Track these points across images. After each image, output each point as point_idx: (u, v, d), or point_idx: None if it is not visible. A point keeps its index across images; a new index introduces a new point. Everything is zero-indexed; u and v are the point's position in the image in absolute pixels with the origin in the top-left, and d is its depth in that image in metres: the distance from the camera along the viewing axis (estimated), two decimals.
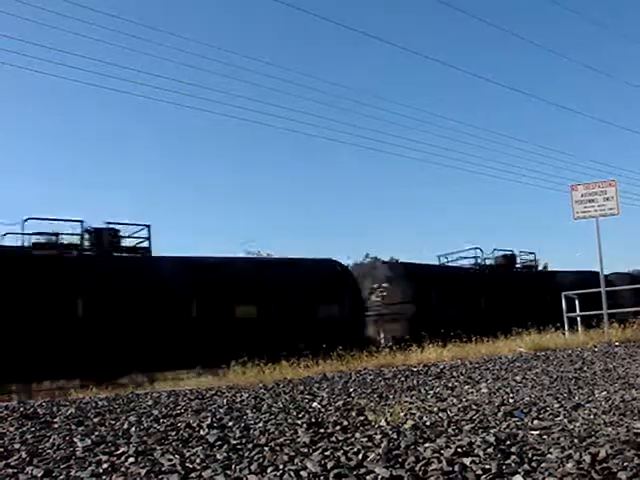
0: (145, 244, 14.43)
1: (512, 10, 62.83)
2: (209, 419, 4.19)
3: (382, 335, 16.22)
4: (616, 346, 9.98)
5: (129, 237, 14.50)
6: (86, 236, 13.83)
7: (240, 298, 13.61)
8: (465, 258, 21.52)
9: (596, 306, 13.10)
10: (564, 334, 12.83)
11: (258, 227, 55.08)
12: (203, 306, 12.98)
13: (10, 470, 2.94)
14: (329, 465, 2.64)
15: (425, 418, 3.84)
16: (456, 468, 2.51)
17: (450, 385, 5.77)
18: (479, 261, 21.50)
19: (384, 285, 17.37)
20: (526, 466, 2.51)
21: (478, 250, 21.54)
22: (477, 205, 68.66)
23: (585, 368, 6.70)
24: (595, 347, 9.96)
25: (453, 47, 63.83)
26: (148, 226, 14.48)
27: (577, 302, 14.16)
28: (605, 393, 4.65)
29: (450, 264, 21.60)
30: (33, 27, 51.70)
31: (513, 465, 2.53)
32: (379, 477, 2.47)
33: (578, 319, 13.99)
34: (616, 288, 15.44)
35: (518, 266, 23.45)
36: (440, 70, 77.77)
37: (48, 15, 44.89)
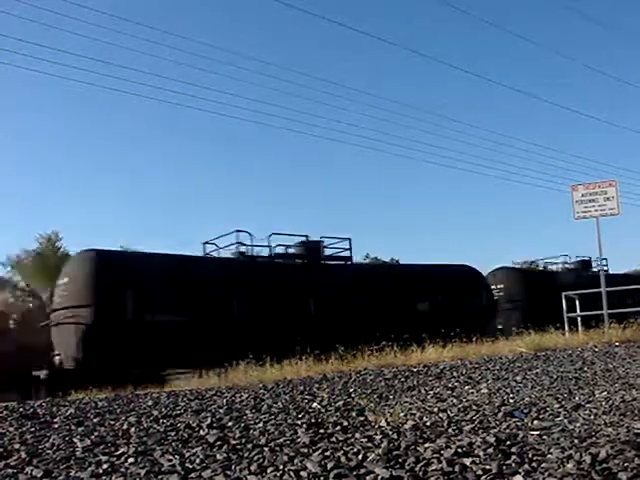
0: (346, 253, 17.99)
1: (513, 10, 62.87)
2: (209, 419, 4.19)
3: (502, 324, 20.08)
4: (616, 346, 9.97)
5: (331, 247, 18.05)
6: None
7: (419, 296, 17.85)
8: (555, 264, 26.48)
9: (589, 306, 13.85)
10: (564, 334, 12.85)
11: (258, 227, 55.06)
12: (396, 302, 17.11)
13: (10, 470, 2.93)
14: (329, 465, 2.63)
15: (425, 418, 3.84)
16: (456, 468, 2.51)
17: (450, 385, 5.76)
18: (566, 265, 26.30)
19: (499, 286, 22.43)
20: (526, 466, 2.51)
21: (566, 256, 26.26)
22: (477, 205, 68.66)
23: (585, 368, 6.69)
24: (595, 347, 9.95)
25: (453, 47, 63.88)
26: (349, 239, 18.13)
27: (577, 302, 14.18)
28: (605, 393, 4.65)
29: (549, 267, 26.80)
30: (33, 27, 51.75)
31: (513, 465, 2.53)
32: (379, 477, 2.46)
33: (578, 319, 14.00)
34: (619, 288, 15.38)
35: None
36: (440, 70, 77.76)
37: (48, 15, 44.90)
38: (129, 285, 12.89)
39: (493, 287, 21.83)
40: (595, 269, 25.52)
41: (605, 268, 25.11)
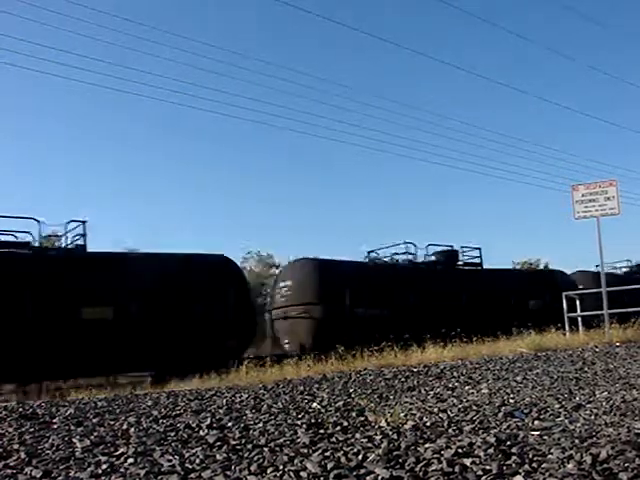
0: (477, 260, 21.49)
1: (513, 10, 62.86)
2: (208, 420, 4.18)
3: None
4: (617, 346, 9.97)
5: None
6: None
7: (531, 295, 20.81)
8: None
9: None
10: (565, 334, 12.85)
11: (257, 227, 55.08)
12: (515, 300, 19.99)
13: (9, 470, 2.93)
14: (329, 466, 2.63)
15: (425, 419, 3.83)
16: (456, 469, 2.50)
17: (450, 385, 5.75)
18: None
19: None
20: (527, 467, 2.50)
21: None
22: (477, 205, 68.65)
23: (586, 368, 6.69)
24: (596, 347, 9.95)
25: (454, 47, 63.86)
26: (479, 248, 21.56)
27: (578, 302, 14.18)
28: (606, 393, 4.64)
29: None
30: (33, 27, 51.75)
31: (514, 466, 2.52)
32: (379, 478, 2.46)
33: (579, 319, 14.00)
34: (619, 288, 15.37)
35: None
36: (441, 70, 77.74)
37: (49, 15, 44.89)
38: (346, 286, 16.16)
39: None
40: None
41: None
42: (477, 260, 21.54)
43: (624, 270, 28.50)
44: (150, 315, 13.37)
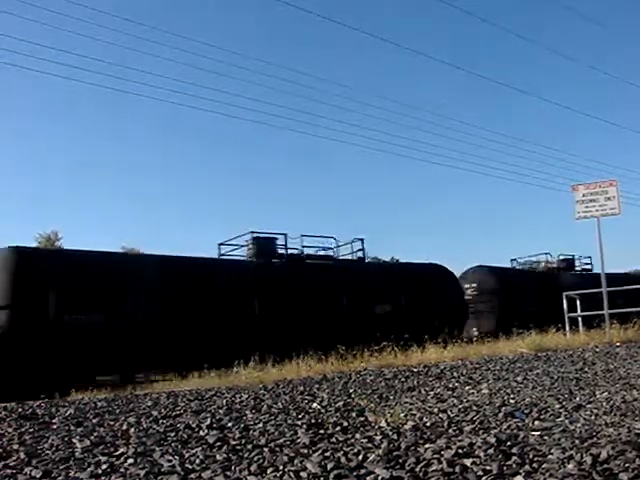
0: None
1: (513, 10, 62.85)
2: (208, 420, 4.18)
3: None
4: (617, 346, 9.96)
5: None
6: None
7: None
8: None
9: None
10: (565, 334, 12.84)
11: (257, 227, 54.96)
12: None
13: (9, 471, 2.92)
14: (329, 466, 2.62)
15: (425, 419, 3.83)
16: (457, 469, 2.50)
17: (451, 386, 5.75)
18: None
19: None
20: (527, 467, 2.50)
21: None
22: (477, 205, 68.61)
23: (586, 369, 6.68)
24: (596, 347, 9.94)
25: (454, 47, 63.83)
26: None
27: (578, 302, 14.17)
28: (606, 394, 4.63)
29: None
30: (33, 27, 51.75)
31: (514, 466, 2.52)
32: (379, 478, 2.45)
33: (579, 319, 13.99)
34: (618, 288, 15.36)
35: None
36: (441, 70, 77.72)
37: (49, 15, 44.90)
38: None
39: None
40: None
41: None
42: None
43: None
44: None
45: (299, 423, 3.89)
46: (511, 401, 4.48)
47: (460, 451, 2.79)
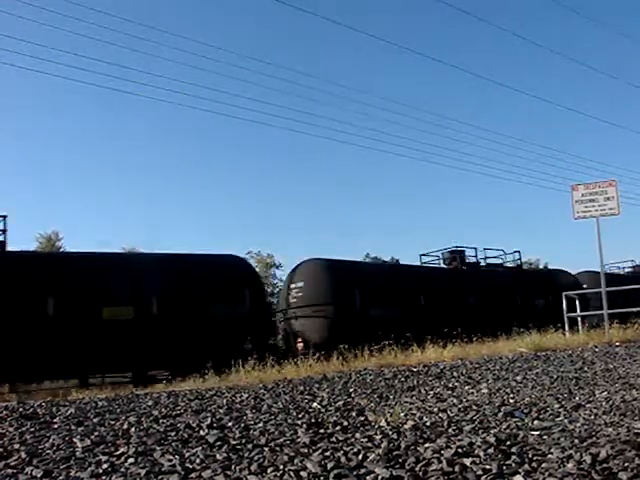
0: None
1: (513, 10, 62.85)
2: (209, 419, 4.19)
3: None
4: (617, 346, 9.97)
5: None
6: None
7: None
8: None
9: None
10: (564, 334, 12.85)
11: (257, 227, 55.03)
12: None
13: (10, 470, 2.93)
14: (329, 465, 2.63)
15: (425, 418, 3.84)
16: (456, 468, 2.51)
17: (450, 385, 5.76)
18: None
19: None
20: (526, 466, 2.51)
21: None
22: (477, 205, 68.61)
23: (586, 368, 6.69)
24: (596, 347, 9.95)
25: (454, 47, 63.83)
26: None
27: (577, 302, 14.18)
28: (606, 393, 4.64)
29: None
30: (33, 27, 51.67)
31: (513, 465, 2.53)
32: (379, 477, 2.46)
33: (579, 319, 14.00)
34: (619, 288, 15.37)
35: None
36: (441, 70, 77.74)
37: (49, 14, 44.89)
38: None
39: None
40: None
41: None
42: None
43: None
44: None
45: (299, 423, 3.90)
46: (510, 401, 4.49)
47: (460, 450, 2.80)
